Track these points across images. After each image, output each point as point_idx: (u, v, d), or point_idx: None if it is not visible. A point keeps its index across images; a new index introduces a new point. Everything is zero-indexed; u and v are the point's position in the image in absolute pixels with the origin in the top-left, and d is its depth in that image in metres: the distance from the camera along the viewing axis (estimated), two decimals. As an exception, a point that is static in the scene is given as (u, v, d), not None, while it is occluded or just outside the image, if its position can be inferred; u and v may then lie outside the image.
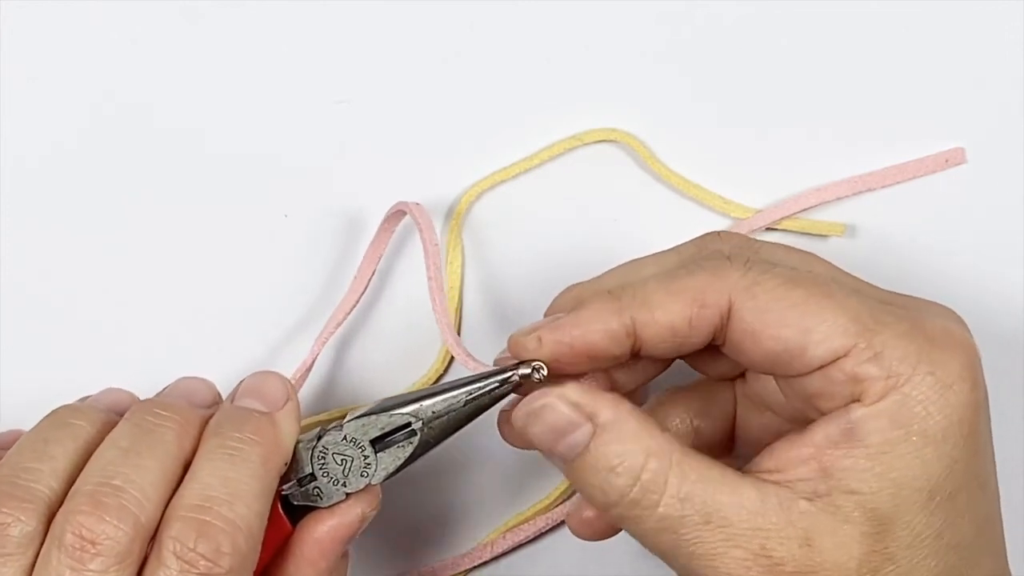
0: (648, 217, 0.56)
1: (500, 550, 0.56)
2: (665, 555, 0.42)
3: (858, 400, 0.40)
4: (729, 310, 0.41)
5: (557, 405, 0.42)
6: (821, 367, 0.40)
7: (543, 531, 0.56)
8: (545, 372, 0.43)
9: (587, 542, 0.48)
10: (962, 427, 0.40)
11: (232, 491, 0.41)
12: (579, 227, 0.57)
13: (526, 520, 0.56)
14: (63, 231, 0.56)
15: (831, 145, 0.57)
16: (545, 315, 0.46)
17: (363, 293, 0.54)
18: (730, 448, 0.49)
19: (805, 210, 0.56)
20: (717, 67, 0.57)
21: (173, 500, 0.41)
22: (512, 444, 0.46)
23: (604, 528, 0.46)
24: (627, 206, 0.56)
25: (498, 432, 0.47)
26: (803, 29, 0.57)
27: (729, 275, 0.41)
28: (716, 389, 0.48)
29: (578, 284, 0.46)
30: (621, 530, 0.45)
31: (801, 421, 0.43)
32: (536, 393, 0.43)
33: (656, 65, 0.57)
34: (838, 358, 0.40)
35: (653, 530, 0.41)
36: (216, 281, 0.57)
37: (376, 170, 0.57)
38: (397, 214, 0.54)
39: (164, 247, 0.57)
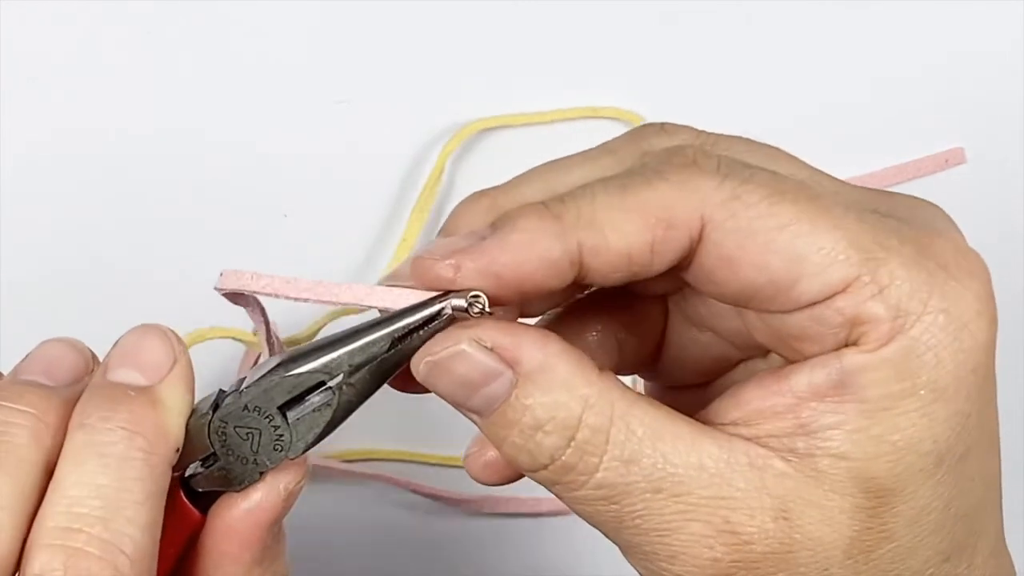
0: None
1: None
2: (606, 528, 0.34)
3: (854, 344, 0.33)
4: (701, 231, 0.33)
5: (470, 352, 0.33)
6: (812, 304, 0.33)
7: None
8: (486, 306, 0.33)
9: (581, 533, 0.46)
10: (976, 375, 0.33)
11: (107, 503, 0.33)
12: None
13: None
14: (61, 229, 0.56)
15: (831, 145, 0.57)
16: (444, 231, 0.36)
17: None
18: (654, 363, 0.40)
19: (805, 210, 0.56)
20: (717, 68, 0.57)
21: (36, 520, 0.33)
22: (412, 392, 0.37)
23: (510, 473, 0.38)
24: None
25: None
26: (802, 29, 0.57)
27: (700, 185, 0.33)
28: (645, 298, 0.39)
29: (486, 192, 0.36)
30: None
31: (754, 347, 0.37)
32: (441, 336, 0.34)
33: (658, 65, 0.57)
34: (835, 294, 0.32)
35: (589, 498, 0.33)
36: (213, 281, 0.57)
37: (376, 170, 0.57)
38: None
39: (163, 247, 0.57)
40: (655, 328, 0.39)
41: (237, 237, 0.57)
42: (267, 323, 0.40)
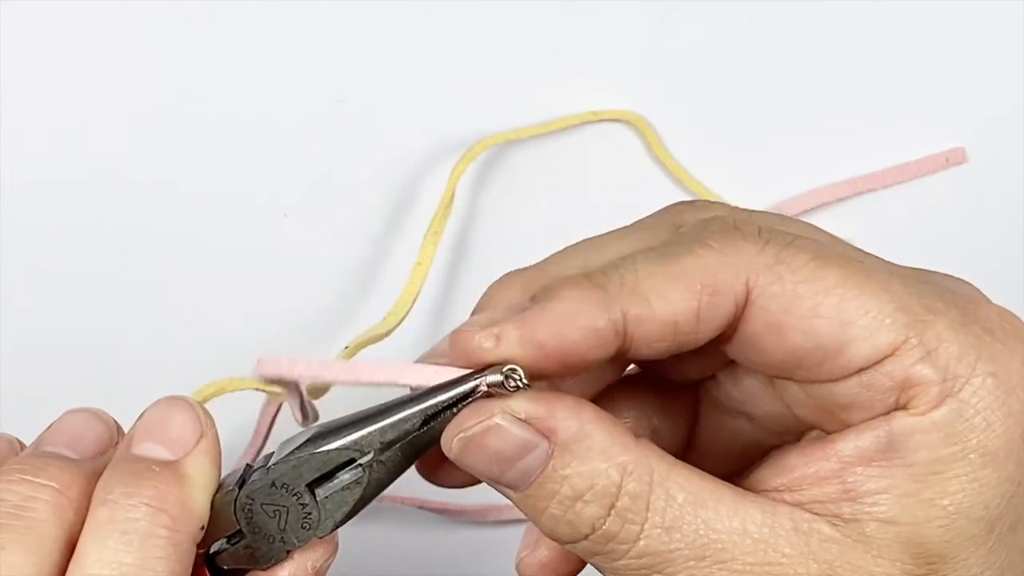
0: (642, 201, 0.56)
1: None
2: None
3: (903, 408, 0.32)
4: (746, 296, 0.32)
5: (503, 426, 0.32)
6: (860, 371, 0.32)
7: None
8: (523, 379, 0.32)
9: None
10: None
11: None
12: (574, 197, 0.57)
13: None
14: (60, 228, 0.56)
15: (831, 145, 0.57)
16: (478, 310, 0.36)
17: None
18: (685, 453, 0.39)
19: (806, 211, 0.56)
20: (718, 67, 0.57)
21: None
22: (443, 486, 0.37)
23: (567, 570, 0.38)
24: (624, 187, 0.56)
25: None
26: (803, 29, 0.57)
27: (744, 250, 0.32)
28: (676, 384, 0.39)
29: (520, 271, 0.36)
30: (584, 567, 0.37)
31: (788, 430, 0.36)
32: (470, 410, 0.33)
33: (657, 65, 0.57)
34: (884, 358, 0.32)
35: (631, 567, 0.33)
36: (215, 281, 0.57)
37: (376, 170, 0.57)
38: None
39: (163, 247, 0.56)
40: (687, 415, 0.39)
41: (237, 237, 0.57)
42: (302, 397, 0.40)
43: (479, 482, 0.35)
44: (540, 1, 0.56)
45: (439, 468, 0.36)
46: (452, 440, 0.33)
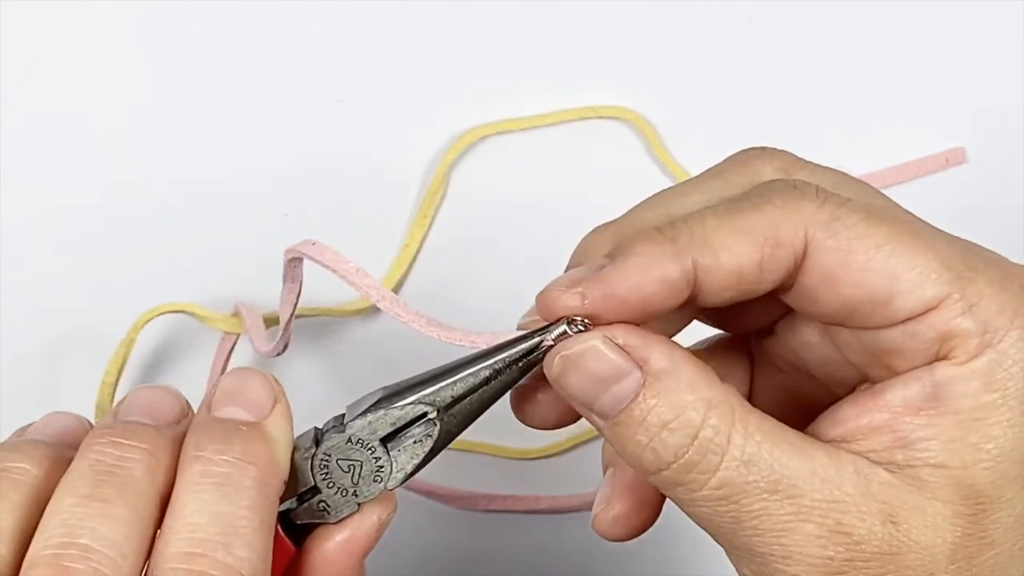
0: (639, 199, 0.56)
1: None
2: (722, 531, 0.36)
3: (945, 359, 0.35)
4: (805, 250, 0.35)
5: (602, 349, 0.35)
6: (906, 320, 0.35)
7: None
8: (586, 322, 0.36)
9: (577, 532, 0.46)
10: None
11: (227, 529, 0.34)
12: (572, 192, 0.57)
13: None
14: (60, 228, 0.56)
15: (831, 145, 0.57)
16: (572, 263, 0.39)
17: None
18: None
19: (805, 210, 0.56)
20: (718, 66, 0.57)
21: (157, 547, 0.34)
22: (532, 425, 0.39)
23: (639, 523, 0.40)
24: (622, 183, 0.56)
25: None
26: (803, 30, 0.57)
27: (803, 208, 0.35)
28: (732, 350, 0.42)
29: (608, 224, 0.39)
30: (655, 522, 0.40)
31: (842, 380, 0.38)
32: (576, 336, 0.36)
33: (657, 64, 0.57)
34: (928, 310, 0.34)
35: (710, 498, 0.35)
36: (216, 281, 0.57)
37: (377, 170, 0.57)
38: (294, 261, 0.48)
39: (163, 247, 0.57)
40: (745, 376, 0.41)
41: (237, 237, 0.57)
42: (298, 295, 0.45)
43: (568, 422, 0.38)
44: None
45: (529, 406, 0.39)
46: (555, 358, 0.36)
